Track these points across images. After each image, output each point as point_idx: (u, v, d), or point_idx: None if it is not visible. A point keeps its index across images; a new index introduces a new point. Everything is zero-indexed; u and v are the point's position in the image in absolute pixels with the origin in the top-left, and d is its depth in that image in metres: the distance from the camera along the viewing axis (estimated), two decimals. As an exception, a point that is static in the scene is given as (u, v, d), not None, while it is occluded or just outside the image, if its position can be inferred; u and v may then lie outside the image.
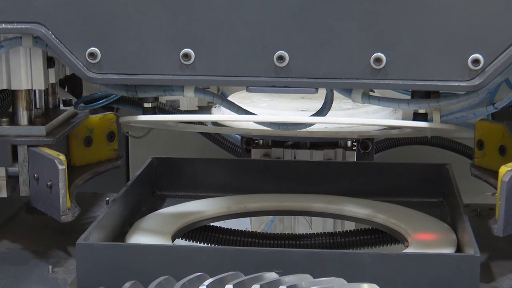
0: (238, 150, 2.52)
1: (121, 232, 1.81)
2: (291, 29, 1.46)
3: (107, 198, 2.14)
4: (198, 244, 2.00)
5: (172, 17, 1.47)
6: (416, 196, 2.10)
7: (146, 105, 1.69)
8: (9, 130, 1.68)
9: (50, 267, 1.66)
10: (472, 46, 1.43)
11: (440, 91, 1.58)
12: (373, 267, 1.46)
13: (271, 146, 2.38)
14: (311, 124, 1.74)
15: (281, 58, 1.45)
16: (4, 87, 1.64)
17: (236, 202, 2.03)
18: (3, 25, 1.49)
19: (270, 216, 2.34)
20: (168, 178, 2.17)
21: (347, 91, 1.56)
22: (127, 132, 2.63)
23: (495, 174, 1.67)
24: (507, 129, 1.78)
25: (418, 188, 2.11)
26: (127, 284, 1.29)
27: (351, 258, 1.51)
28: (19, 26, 1.49)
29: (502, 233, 1.48)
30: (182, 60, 1.47)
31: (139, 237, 1.73)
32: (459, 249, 1.67)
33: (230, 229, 2.06)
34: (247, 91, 1.51)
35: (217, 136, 2.34)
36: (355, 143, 2.37)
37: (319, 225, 2.30)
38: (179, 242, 1.90)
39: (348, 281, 1.34)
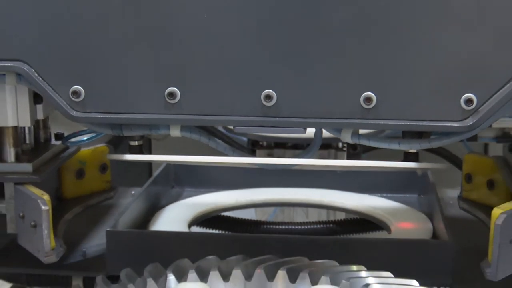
0: (245, 151, 2.60)
1: (144, 221, 2.00)
2: (279, 68, 1.35)
3: (133, 192, 2.25)
4: (211, 230, 2.19)
5: (157, 55, 1.37)
6: (399, 192, 2.28)
7: (132, 143, 1.58)
8: (-4, 167, 1.58)
9: (84, 250, 1.80)
10: (465, 85, 1.32)
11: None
12: (360, 251, 1.64)
13: (274, 147, 2.51)
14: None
15: (268, 97, 1.34)
16: None
17: (243, 195, 2.23)
18: (-15, 63, 1.39)
19: (273, 207, 2.55)
20: (184, 175, 2.35)
21: (337, 130, 1.44)
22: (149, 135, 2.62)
23: (483, 207, 1.70)
24: (497, 163, 1.67)
25: (401, 184, 2.28)
26: (149, 266, 1.44)
27: (342, 243, 1.74)
28: (1, 64, 1.39)
29: (495, 277, 1.37)
30: (167, 99, 1.37)
31: (159, 225, 1.93)
32: (434, 236, 1.84)
33: (238, 218, 2.26)
34: (234, 130, 1.39)
35: (226, 139, 2.33)
36: (345, 145, 2.46)
37: (314, 215, 2.52)
38: (195, 229, 2.07)
39: (339, 263, 1.44)
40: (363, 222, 2.14)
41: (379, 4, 1.30)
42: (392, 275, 1.41)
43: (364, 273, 1.40)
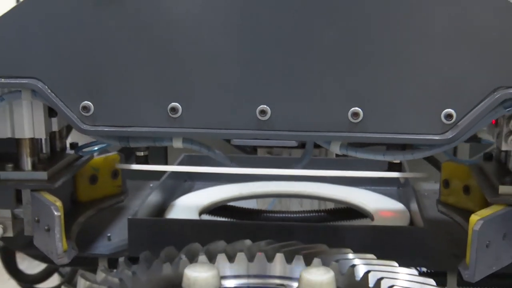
0: (248, 149, 2.85)
1: (160, 210, 2.08)
2: (273, 85, 1.33)
3: (151, 184, 2.33)
4: (218, 218, 2.23)
5: (161, 74, 1.35)
6: (381, 185, 2.32)
7: (138, 153, 1.57)
8: (14, 175, 1.56)
9: (108, 235, 1.88)
10: (445, 101, 1.30)
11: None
12: (347, 236, 1.71)
13: (273, 146, 2.57)
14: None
15: (263, 112, 1.32)
16: (9, 135, 1.52)
17: (246, 188, 2.30)
18: (2, 79, 1.38)
19: (272, 198, 2.60)
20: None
21: (327, 142, 1.42)
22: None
23: (459, 211, 1.69)
24: (472, 171, 1.65)
25: (382, 179, 2.25)
26: (165, 249, 1.52)
27: (331, 229, 1.82)
28: (17, 81, 1.38)
29: (473, 279, 1.35)
30: (169, 114, 1.35)
31: (174, 214, 2.02)
32: (411, 223, 1.93)
33: (242, 207, 2.30)
34: (231, 143, 1.37)
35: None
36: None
37: (307, 205, 2.58)
38: (205, 217, 2.13)
39: (329, 247, 1.52)
40: (350, 211, 2.21)
41: (366, 29, 1.29)
42: (375, 257, 1.49)
43: (351, 255, 1.50)
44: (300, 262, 1.50)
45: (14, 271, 2.55)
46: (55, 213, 1.43)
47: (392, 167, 1.53)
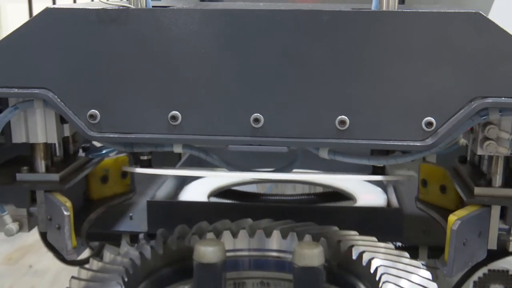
0: None
1: (174, 193, 2.10)
2: (266, 95, 1.27)
3: None
4: (224, 200, 2.18)
5: (161, 85, 1.29)
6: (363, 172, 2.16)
7: (142, 157, 1.51)
8: (28, 177, 1.50)
9: (130, 214, 1.91)
10: (426, 110, 1.24)
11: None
12: (333, 216, 1.76)
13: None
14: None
15: (256, 120, 1.26)
16: (24, 140, 1.46)
17: (247, 175, 2.13)
18: (15, 90, 1.32)
19: (269, 183, 2.52)
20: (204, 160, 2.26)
21: (316, 148, 1.36)
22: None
23: (436, 208, 1.63)
24: (448, 173, 1.59)
25: (365, 167, 2.04)
26: (178, 227, 1.59)
27: (320, 210, 1.88)
28: (29, 91, 1.32)
29: (451, 275, 1.29)
30: (170, 122, 1.29)
31: (186, 196, 2.03)
32: (389, 205, 1.93)
33: (244, 191, 2.27)
34: (226, 149, 1.31)
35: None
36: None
37: (300, 189, 2.48)
38: (213, 199, 2.11)
39: (318, 225, 1.60)
40: (336, 194, 2.20)
41: (352, 48, 1.23)
42: (357, 233, 1.57)
43: (337, 232, 1.59)
44: (294, 238, 1.58)
45: (51, 245, 2.57)
46: (65, 213, 1.38)
47: (376, 170, 1.47)
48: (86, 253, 2.90)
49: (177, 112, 1.29)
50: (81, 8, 1.28)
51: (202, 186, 2.16)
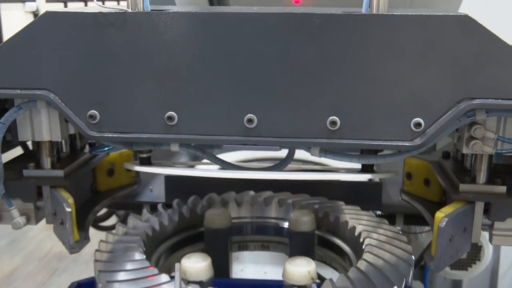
0: None
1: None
2: (259, 96, 1.12)
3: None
4: None
5: (159, 86, 1.14)
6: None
7: (142, 155, 1.36)
8: (35, 173, 1.36)
9: (151, 187, 1.94)
10: (415, 111, 1.10)
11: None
12: (322, 188, 1.74)
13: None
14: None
15: (250, 120, 1.12)
16: (30, 138, 1.32)
17: (250, 154, 2.22)
18: (18, 91, 1.18)
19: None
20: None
21: (308, 147, 1.21)
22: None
23: (420, 199, 1.50)
24: (432, 167, 1.44)
25: None
26: (191, 198, 1.65)
27: (311, 182, 1.72)
28: (31, 92, 1.17)
29: (438, 270, 1.15)
30: (166, 122, 1.15)
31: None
32: (370, 179, 1.87)
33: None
34: (221, 148, 1.17)
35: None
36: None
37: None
38: None
39: (310, 196, 1.68)
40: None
41: (343, 51, 1.09)
42: (344, 203, 1.62)
43: (325, 203, 1.63)
44: (289, 207, 1.64)
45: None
46: (67, 209, 1.24)
47: (365, 168, 1.33)
48: (113, 220, 2.88)
49: (173, 113, 1.14)
50: (80, 12, 1.13)
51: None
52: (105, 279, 1.21)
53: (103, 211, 2.81)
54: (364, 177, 1.28)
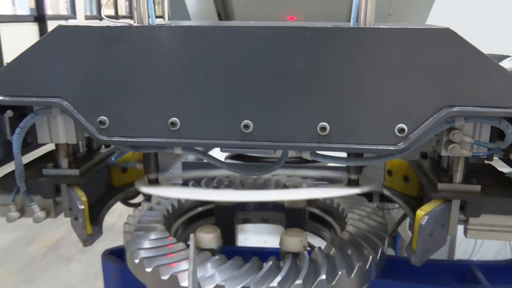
0: None
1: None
2: (255, 104, 1.01)
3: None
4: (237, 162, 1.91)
5: (162, 94, 1.03)
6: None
7: (150, 176, 1.27)
8: (53, 172, 1.26)
9: (171, 171, 1.78)
10: (398, 118, 0.98)
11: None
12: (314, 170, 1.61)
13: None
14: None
15: (246, 126, 1.01)
16: (48, 141, 1.21)
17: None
18: (34, 99, 1.07)
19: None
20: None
21: (299, 151, 1.10)
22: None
23: (400, 194, 1.39)
24: (411, 166, 1.34)
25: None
26: (203, 180, 1.56)
27: (305, 168, 1.64)
28: (46, 100, 1.07)
29: (419, 262, 1.05)
30: (170, 127, 1.04)
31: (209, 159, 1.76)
32: None
33: (251, 155, 1.90)
34: (220, 151, 1.06)
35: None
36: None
37: (292, 153, 2.32)
38: (228, 161, 1.85)
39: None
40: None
41: (332, 60, 0.97)
42: (329, 184, 1.52)
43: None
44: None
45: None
46: (80, 207, 1.14)
47: (351, 182, 1.23)
48: (140, 198, 2.82)
49: (176, 119, 1.03)
50: (88, 26, 1.02)
51: (218, 153, 1.98)
52: (133, 247, 1.21)
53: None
54: (352, 192, 1.17)
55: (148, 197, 2.22)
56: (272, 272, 1.09)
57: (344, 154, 1.15)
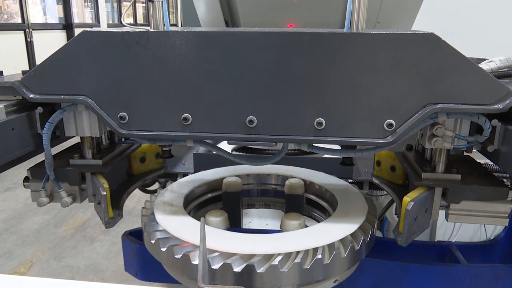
0: None
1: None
2: (259, 102, 1.00)
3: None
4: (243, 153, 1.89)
5: (176, 93, 1.02)
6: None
7: (165, 148, 1.26)
8: (78, 161, 1.25)
9: (183, 162, 1.85)
10: (387, 114, 0.97)
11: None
12: (311, 163, 1.65)
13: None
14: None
15: (251, 121, 1.00)
16: (74, 134, 1.20)
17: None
18: (62, 96, 1.06)
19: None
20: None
21: (298, 143, 1.09)
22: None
23: (387, 183, 1.38)
24: (397, 157, 1.33)
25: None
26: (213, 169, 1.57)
27: (303, 159, 1.68)
28: (72, 98, 1.06)
29: (405, 243, 1.04)
30: (182, 122, 1.03)
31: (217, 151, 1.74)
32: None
33: (255, 147, 1.93)
34: (227, 143, 1.05)
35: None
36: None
37: (292, 146, 2.33)
38: (235, 153, 1.86)
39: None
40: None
41: (327, 61, 0.96)
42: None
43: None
44: (285, 176, 1.56)
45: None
46: (103, 193, 1.14)
47: (345, 160, 1.21)
48: (156, 186, 2.81)
49: (188, 115, 1.02)
50: (110, 31, 1.01)
51: (227, 145, 1.94)
52: (149, 229, 1.19)
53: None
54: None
55: (163, 185, 2.21)
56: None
57: (338, 147, 1.14)
